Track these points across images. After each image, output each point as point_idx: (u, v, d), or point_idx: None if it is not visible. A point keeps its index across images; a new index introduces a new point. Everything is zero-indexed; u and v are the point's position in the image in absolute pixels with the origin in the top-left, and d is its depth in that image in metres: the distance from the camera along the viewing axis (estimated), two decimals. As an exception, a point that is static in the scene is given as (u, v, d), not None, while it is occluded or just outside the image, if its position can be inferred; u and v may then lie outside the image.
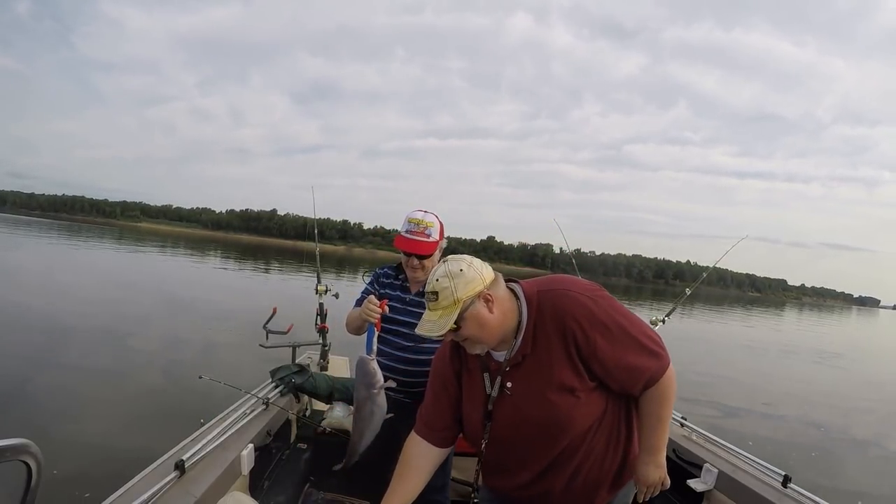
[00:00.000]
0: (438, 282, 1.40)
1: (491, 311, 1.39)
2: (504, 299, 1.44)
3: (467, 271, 1.41)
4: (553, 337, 1.39)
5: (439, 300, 1.40)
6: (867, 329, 50.11)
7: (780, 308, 76.77)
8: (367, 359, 1.91)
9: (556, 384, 1.39)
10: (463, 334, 1.41)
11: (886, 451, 7.82)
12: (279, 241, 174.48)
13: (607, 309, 1.39)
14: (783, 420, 8.86)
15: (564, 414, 1.40)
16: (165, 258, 31.79)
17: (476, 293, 1.39)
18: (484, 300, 1.39)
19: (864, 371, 17.04)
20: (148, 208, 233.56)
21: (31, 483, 0.97)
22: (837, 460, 7.00)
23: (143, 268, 24.54)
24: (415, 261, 2.20)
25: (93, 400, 6.04)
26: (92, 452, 4.52)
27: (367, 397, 1.91)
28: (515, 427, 1.48)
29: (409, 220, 2.21)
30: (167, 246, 45.83)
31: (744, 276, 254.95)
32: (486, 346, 1.46)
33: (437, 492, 2.28)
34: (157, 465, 1.99)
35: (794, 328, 35.94)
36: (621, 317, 1.40)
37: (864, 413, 10.17)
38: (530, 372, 1.43)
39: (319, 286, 3.97)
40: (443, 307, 1.39)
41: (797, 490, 2.22)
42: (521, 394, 1.45)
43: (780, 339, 24.78)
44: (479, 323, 1.39)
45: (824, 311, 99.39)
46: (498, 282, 1.46)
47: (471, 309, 1.38)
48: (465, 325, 1.39)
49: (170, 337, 9.74)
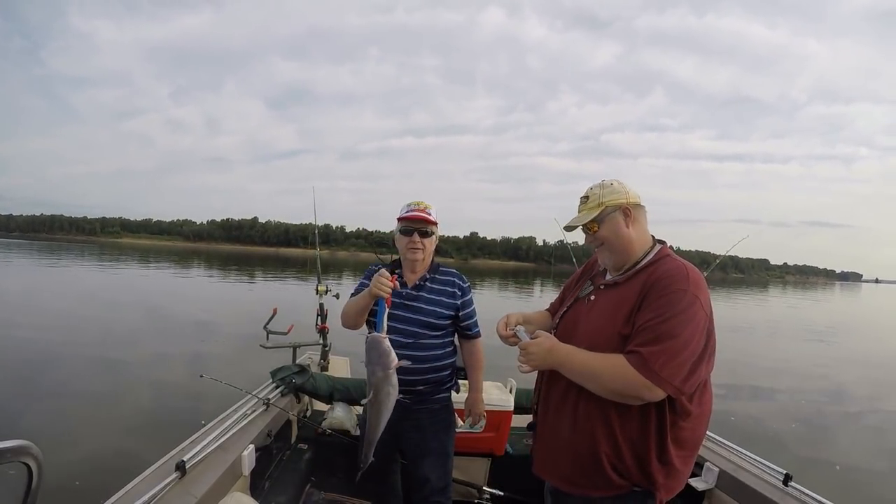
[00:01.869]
0: (591, 189, 1.67)
1: (627, 226, 1.61)
2: (642, 228, 1.65)
3: (616, 186, 1.64)
4: (641, 283, 1.53)
5: (588, 202, 1.65)
6: (853, 304, 50.89)
7: (764, 288, 77.66)
8: (381, 336, 1.82)
9: (614, 319, 1.53)
10: (599, 236, 1.64)
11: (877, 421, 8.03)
12: (262, 248, 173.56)
13: (680, 293, 1.44)
14: (772, 396, 9.03)
15: (601, 348, 1.50)
16: (151, 273, 31.39)
17: (618, 204, 1.61)
18: (623, 213, 1.61)
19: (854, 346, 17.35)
20: (128, 223, 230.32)
21: (32, 484, 0.98)
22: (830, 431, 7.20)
23: (129, 283, 24.22)
24: (417, 237, 2.19)
25: (93, 401, 6.04)
26: (92, 453, 4.51)
27: (385, 378, 1.82)
28: (570, 330, 1.68)
29: (408, 204, 2.24)
30: (149, 260, 45.32)
31: (727, 258, 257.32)
32: (613, 257, 1.65)
33: (440, 493, 2.27)
34: (157, 466, 1.99)
35: (781, 306, 36.40)
36: (682, 315, 1.41)
37: (855, 386, 10.35)
38: (611, 298, 1.61)
39: (319, 287, 3.96)
40: (588, 208, 1.65)
41: (798, 488, 2.21)
42: (594, 307, 1.65)
43: (768, 318, 25.09)
44: (615, 230, 1.61)
45: (808, 288, 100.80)
46: (641, 211, 1.66)
47: (611, 216, 1.61)
48: (602, 228, 1.63)
49: (169, 341, 9.72)
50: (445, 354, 2.27)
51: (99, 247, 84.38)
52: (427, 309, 2.21)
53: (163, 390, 6.59)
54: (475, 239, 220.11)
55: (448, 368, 2.29)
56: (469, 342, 2.39)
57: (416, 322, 2.18)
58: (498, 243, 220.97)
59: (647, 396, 1.40)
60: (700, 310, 1.44)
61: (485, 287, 33.48)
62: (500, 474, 3.19)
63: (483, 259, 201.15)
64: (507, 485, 3.14)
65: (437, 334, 2.22)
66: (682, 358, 1.39)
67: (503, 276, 53.89)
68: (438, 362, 2.23)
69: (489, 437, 3.07)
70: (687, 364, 1.39)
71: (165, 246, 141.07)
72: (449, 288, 2.27)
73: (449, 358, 2.29)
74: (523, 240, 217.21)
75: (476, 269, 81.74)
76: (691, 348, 1.40)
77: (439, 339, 2.25)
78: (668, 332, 1.39)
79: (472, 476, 3.17)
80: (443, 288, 2.26)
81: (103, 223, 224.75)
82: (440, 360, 2.24)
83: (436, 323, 2.21)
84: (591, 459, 1.54)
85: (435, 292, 2.24)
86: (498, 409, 3.02)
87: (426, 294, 2.22)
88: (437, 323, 2.21)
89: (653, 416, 1.47)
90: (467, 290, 2.33)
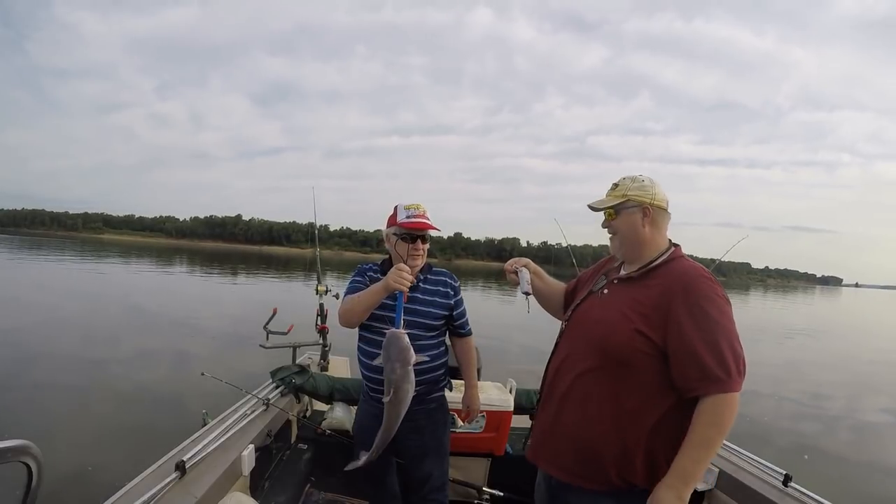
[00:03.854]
0: (623, 178, 1.69)
1: (644, 226, 1.63)
2: (660, 232, 1.67)
3: (646, 183, 1.66)
4: (659, 286, 1.54)
5: (615, 190, 1.68)
6: (829, 307, 51.78)
7: (746, 290, 78.60)
8: (401, 332, 1.79)
9: (631, 314, 1.54)
10: (615, 226, 1.69)
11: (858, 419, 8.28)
12: (246, 246, 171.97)
13: (712, 297, 1.47)
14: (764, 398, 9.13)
15: (614, 340, 1.53)
16: (143, 271, 30.92)
17: (640, 201, 1.63)
18: (643, 212, 1.63)
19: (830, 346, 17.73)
20: (110, 219, 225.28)
21: (32, 484, 1.00)
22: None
23: (123, 281, 23.73)
24: (420, 243, 2.19)
25: (93, 401, 6.03)
26: (92, 453, 4.50)
27: (404, 375, 1.79)
28: (581, 322, 1.71)
29: (406, 207, 2.20)
30: (132, 257, 44.72)
31: (709, 262, 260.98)
32: (622, 249, 1.70)
33: (437, 491, 2.28)
34: (157, 466, 1.98)
35: (762, 309, 36.85)
36: (718, 313, 1.46)
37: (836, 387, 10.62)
38: (625, 292, 1.63)
39: (320, 286, 3.94)
40: (614, 195, 1.68)
41: (798, 489, 2.22)
42: (607, 301, 1.67)
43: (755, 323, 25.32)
44: (631, 225, 1.65)
45: (788, 291, 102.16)
46: (663, 216, 1.68)
47: (631, 210, 1.64)
48: (619, 219, 1.67)
49: (168, 341, 9.66)
50: (440, 354, 2.28)
51: (80, 243, 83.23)
52: (423, 310, 2.20)
53: (162, 390, 6.56)
54: (459, 239, 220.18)
55: (442, 368, 2.30)
56: (462, 340, 2.42)
57: (413, 324, 2.15)
58: (482, 244, 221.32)
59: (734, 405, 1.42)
60: (727, 305, 1.50)
61: (468, 287, 33.46)
62: (499, 474, 3.20)
63: (467, 259, 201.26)
64: (506, 485, 3.15)
65: (432, 335, 2.23)
66: (734, 348, 1.43)
67: (486, 276, 54.02)
68: (434, 362, 2.23)
69: (489, 438, 3.07)
70: (737, 351, 1.44)
71: (148, 242, 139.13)
72: (442, 288, 2.27)
73: (443, 357, 2.30)
74: (507, 240, 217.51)
75: (460, 269, 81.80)
76: (731, 336, 1.45)
77: (435, 339, 2.26)
78: (714, 330, 1.43)
79: (471, 476, 3.17)
80: (436, 288, 2.26)
81: (85, 219, 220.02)
82: (436, 360, 2.24)
83: (431, 324, 2.21)
84: (594, 456, 1.53)
85: (429, 293, 2.23)
86: (498, 410, 3.02)
87: (421, 295, 2.21)
88: (433, 324, 2.21)
89: (668, 420, 1.47)
90: (458, 289, 2.35)
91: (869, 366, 13.89)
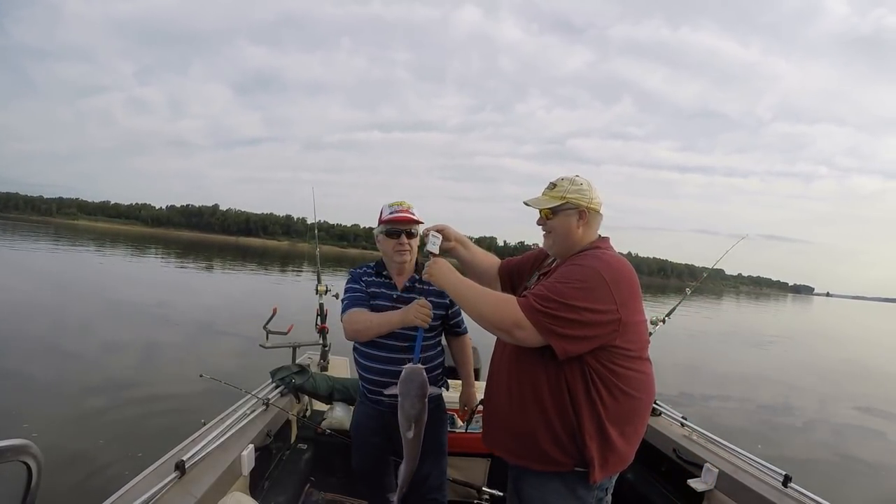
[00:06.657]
0: (561, 179, 1.73)
1: (578, 227, 1.70)
2: (591, 233, 1.74)
3: (584, 187, 1.71)
4: None
5: (553, 190, 1.72)
6: (800, 315, 52.95)
7: (719, 296, 79.88)
8: (419, 368, 1.84)
9: None
10: (550, 225, 1.74)
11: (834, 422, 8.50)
12: (222, 236, 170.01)
13: (580, 265, 1.56)
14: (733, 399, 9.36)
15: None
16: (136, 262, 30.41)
17: (577, 204, 1.68)
18: (579, 215, 1.69)
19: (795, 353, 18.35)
20: (85, 205, 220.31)
21: (31, 484, 1.01)
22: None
23: (115, 272, 23.31)
24: (405, 238, 2.20)
25: (93, 400, 5.98)
26: (92, 453, 4.48)
27: (423, 409, 1.85)
28: None
29: (390, 205, 2.23)
30: (106, 244, 43.93)
31: (683, 267, 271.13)
32: (555, 247, 1.77)
33: (435, 490, 2.28)
34: (157, 466, 1.98)
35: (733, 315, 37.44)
36: (572, 274, 1.54)
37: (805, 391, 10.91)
38: None
39: (320, 286, 3.90)
40: (551, 196, 1.72)
41: (798, 490, 2.22)
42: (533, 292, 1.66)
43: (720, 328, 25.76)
44: (565, 226, 1.70)
45: (760, 298, 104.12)
46: (596, 217, 1.74)
47: (567, 212, 1.69)
48: (556, 220, 1.72)
49: (168, 341, 9.53)
50: (437, 354, 2.29)
51: (55, 228, 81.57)
52: None
53: (162, 390, 6.51)
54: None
55: (440, 367, 2.31)
56: (458, 339, 2.46)
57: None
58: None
59: (519, 335, 1.51)
60: (601, 288, 1.49)
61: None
62: (499, 475, 3.18)
63: (444, 257, 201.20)
64: (506, 485, 3.11)
65: (430, 335, 2.23)
66: (565, 314, 1.47)
67: (463, 274, 53.89)
68: (433, 362, 2.23)
69: None
70: (568, 325, 1.47)
71: (123, 230, 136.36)
72: (437, 287, 2.22)
73: (440, 357, 2.31)
74: (484, 239, 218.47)
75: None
76: (578, 314, 1.47)
77: (432, 339, 2.27)
78: (560, 292, 1.49)
79: (471, 476, 3.18)
80: (432, 288, 2.21)
81: (60, 204, 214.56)
82: (433, 359, 2.25)
83: (430, 324, 2.16)
84: (527, 434, 1.61)
85: (425, 293, 2.21)
86: None
87: (418, 295, 2.19)
88: (431, 324, 2.17)
89: (580, 391, 1.53)
90: None
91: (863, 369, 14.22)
